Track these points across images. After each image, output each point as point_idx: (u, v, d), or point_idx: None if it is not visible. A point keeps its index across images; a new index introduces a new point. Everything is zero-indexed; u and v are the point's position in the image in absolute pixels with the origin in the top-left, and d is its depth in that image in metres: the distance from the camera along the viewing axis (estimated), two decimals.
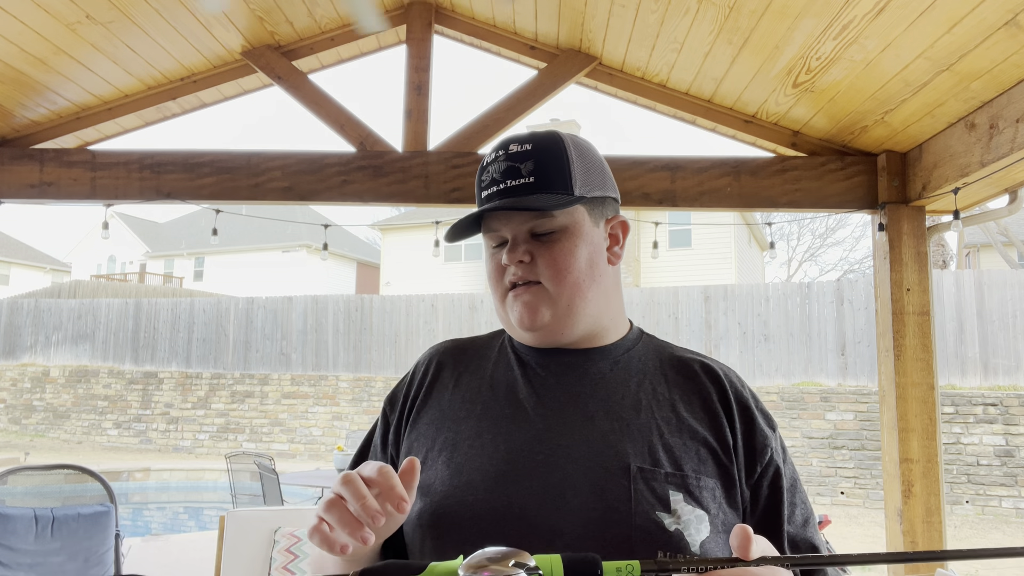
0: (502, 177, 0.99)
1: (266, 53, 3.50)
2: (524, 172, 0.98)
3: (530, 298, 0.98)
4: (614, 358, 1.02)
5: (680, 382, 1.00)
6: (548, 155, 1.00)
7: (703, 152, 3.40)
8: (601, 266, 1.02)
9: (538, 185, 0.98)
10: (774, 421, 1.01)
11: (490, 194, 1.00)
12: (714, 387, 0.99)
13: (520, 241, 0.99)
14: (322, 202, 3.45)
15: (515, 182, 0.98)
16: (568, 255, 0.98)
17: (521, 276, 0.99)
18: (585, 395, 0.97)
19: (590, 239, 1.01)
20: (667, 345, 1.07)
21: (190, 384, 14.78)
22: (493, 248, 1.03)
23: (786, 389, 10.76)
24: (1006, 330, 10.11)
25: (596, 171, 1.05)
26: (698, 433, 0.93)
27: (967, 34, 2.24)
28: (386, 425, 1.07)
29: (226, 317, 15.01)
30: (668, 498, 0.86)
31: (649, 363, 1.03)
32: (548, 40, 3.43)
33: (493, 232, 1.02)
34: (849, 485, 9.88)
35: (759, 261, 23.05)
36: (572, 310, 0.98)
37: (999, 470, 9.33)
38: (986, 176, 2.71)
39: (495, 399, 0.99)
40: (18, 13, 2.71)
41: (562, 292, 0.98)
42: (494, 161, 1.01)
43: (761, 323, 11.45)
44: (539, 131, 1.03)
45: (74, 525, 3.49)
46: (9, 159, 3.47)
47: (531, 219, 0.98)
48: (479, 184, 1.03)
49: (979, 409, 9.56)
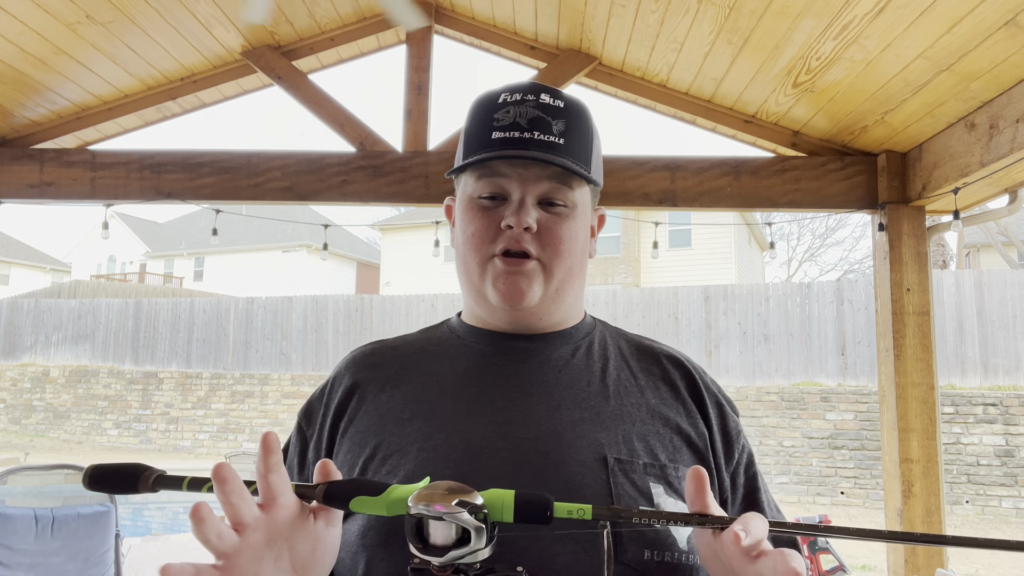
0: (529, 125, 0.87)
1: (266, 53, 3.50)
2: (555, 130, 0.87)
3: (525, 275, 0.87)
4: (575, 343, 0.94)
5: (645, 368, 0.93)
6: (579, 122, 0.90)
7: (703, 152, 3.40)
8: (587, 256, 0.95)
9: (566, 149, 0.87)
10: (736, 406, 0.97)
11: (510, 138, 0.86)
12: (681, 375, 0.93)
13: (531, 204, 0.87)
14: (322, 202, 3.45)
15: (543, 136, 0.86)
16: (573, 236, 0.90)
17: (521, 245, 0.87)
18: (548, 383, 0.88)
19: (587, 225, 0.94)
20: (622, 331, 1.01)
21: (190, 384, 14.77)
22: (485, 200, 0.89)
23: (786, 389, 10.76)
24: (1006, 330, 10.11)
25: (600, 155, 0.97)
26: (670, 420, 0.87)
27: (967, 34, 2.24)
28: (303, 442, 0.93)
29: (226, 317, 15.01)
30: (650, 491, 0.80)
31: (610, 348, 0.96)
32: (548, 40, 3.43)
33: (497, 179, 0.88)
34: (849, 485, 9.88)
35: (759, 261, 23.04)
36: (560, 294, 0.91)
37: (999, 470, 9.33)
38: (986, 176, 2.71)
39: (444, 395, 0.88)
40: (18, 13, 2.71)
41: (557, 273, 0.89)
42: (521, 103, 0.88)
43: (761, 323, 11.44)
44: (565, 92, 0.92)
45: (74, 525, 3.49)
46: (9, 159, 3.47)
47: (551, 182, 0.87)
48: (489, 122, 0.88)
49: (979, 409, 9.55)
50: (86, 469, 0.70)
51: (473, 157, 0.87)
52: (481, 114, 0.90)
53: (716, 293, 11.88)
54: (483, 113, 0.90)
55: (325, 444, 0.90)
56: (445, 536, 0.64)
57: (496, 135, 0.87)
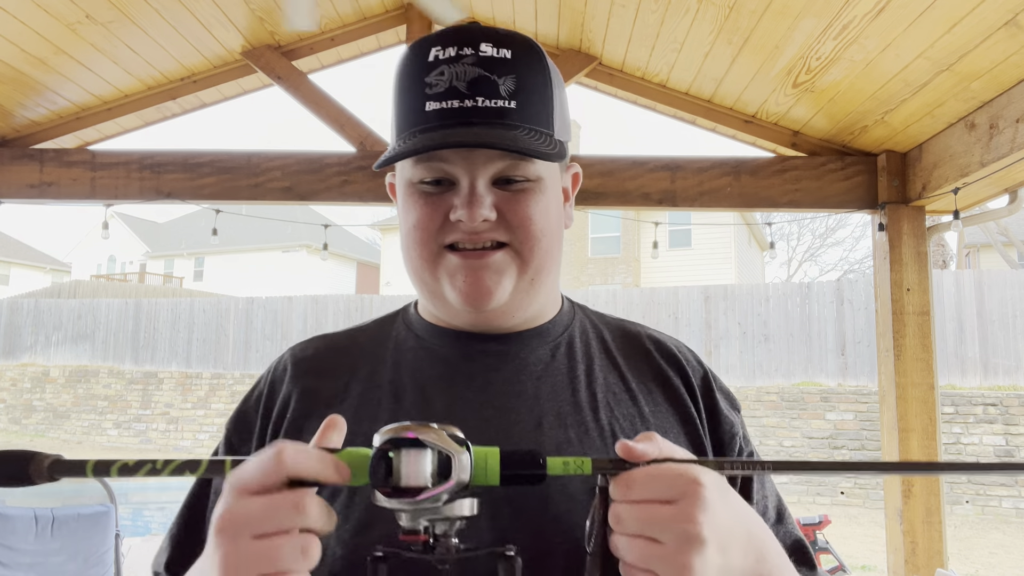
0: (469, 90, 0.70)
1: (266, 53, 3.50)
2: (503, 91, 0.71)
3: (491, 268, 0.73)
4: (553, 341, 0.81)
5: (634, 365, 0.82)
6: (532, 73, 0.73)
7: (703, 152, 3.41)
8: (562, 231, 0.80)
9: (520, 113, 0.71)
10: (737, 401, 0.85)
11: (447, 109, 0.70)
12: (673, 368, 0.82)
13: (484, 191, 0.72)
14: (322, 202, 3.45)
15: (488, 102, 0.70)
16: (544, 211, 0.75)
17: (480, 237, 0.73)
18: (527, 395, 0.76)
19: (558, 193, 0.79)
20: (604, 316, 0.89)
21: (190, 384, 14.78)
22: (427, 185, 0.74)
23: (786, 389, 10.76)
24: (1006, 330, 10.11)
25: (567, 107, 0.80)
26: (668, 432, 0.77)
27: (967, 34, 2.24)
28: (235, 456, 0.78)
29: (226, 317, 15.01)
30: None
31: (593, 343, 0.83)
32: (548, 40, 3.43)
33: (439, 164, 0.72)
34: (849, 485, 9.88)
35: (759, 261, 23.05)
36: (535, 285, 0.77)
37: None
38: (986, 176, 2.71)
39: (405, 412, 0.74)
40: (18, 13, 2.71)
41: (531, 262, 0.75)
42: (456, 61, 0.71)
43: (761, 323, 11.45)
44: (511, 31, 0.75)
45: (74, 525, 3.49)
46: (9, 159, 3.47)
47: (504, 158, 0.72)
48: (420, 88, 0.71)
49: (979, 409, 9.56)
50: None
51: (403, 144, 0.71)
52: (410, 78, 0.73)
53: (716, 293, 11.88)
54: (412, 77, 0.72)
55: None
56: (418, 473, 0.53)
57: (431, 106, 0.70)
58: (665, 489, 0.56)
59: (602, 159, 3.36)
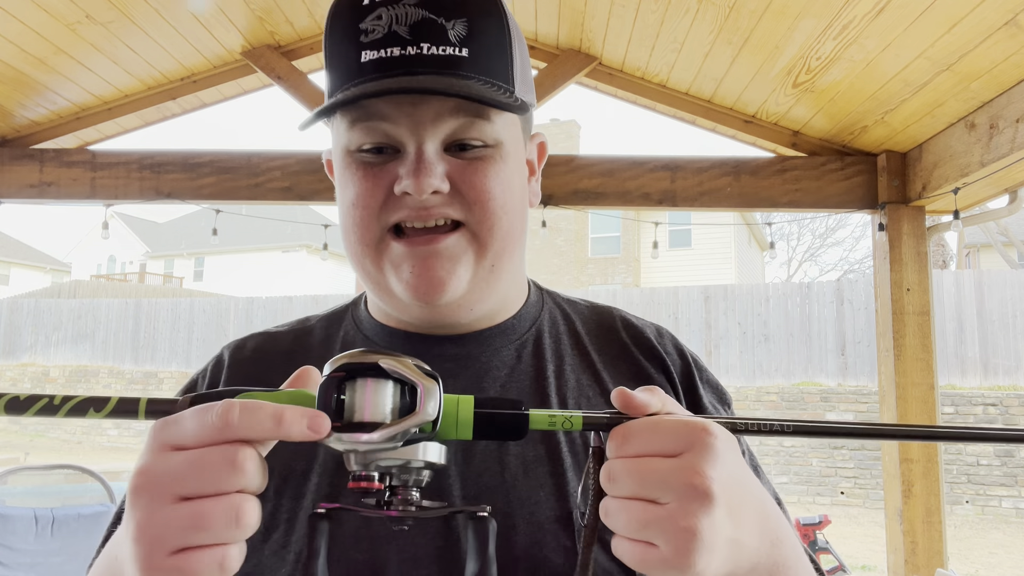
0: (412, 35, 0.59)
1: (266, 53, 3.50)
2: (452, 36, 0.60)
3: (443, 254, 0.63)
4: (519, 339, 0.72)
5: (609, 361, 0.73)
6: (487, 17, 0.63)
7: (703, 152, 3.41)
8: (527, 207, 0.70)
9: (473, 62, 0.61)
10: (727, 395, 0.77)
11: (386, 59, 0.59)
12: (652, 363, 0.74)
13: (433, 156, 0.61)
14: (322, 202, 3.45)
15: (436, 48, 0.59)
16: (506, 183, 0.64)
17: (430, 213, 0.62)
18: None
19: (521, 163, 0.69)
20: (571, 300, 0.80)
21: None
22: (366, 154, 0.63)
23: (786, 389, 10.76)
24: (1006, 330, 10.11)
25: (528, 66, 0.70)
26: None
27: (967, 34, 2.24)
28: None
29: (226, 317, 15.01)
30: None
31: (564, 336, 0.75)
32: (548, 40, 3.43)
33: (378, 124, 0.61)
34: (849, 485, 9.88)
35: (759, 261, 23.05)
36: (495, 272, 0.66)
37: (999, 470, 9.33)
38: (986, 176, 2.70)
39: None
40: (18, 13, 2.71)
41: (491, 244, 0.64)
42: (395, 2, 0.60)
43: (761, 323, 11.44)
44: None
45: (74, 525, 3.49)
46: (9, 159, 3.47)
47: (458, 117, 0.61)
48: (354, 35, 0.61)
49: (979, 409, 9.55)
50: None
51: (335, 95, 0.61)
52: (342, 25, 0.62)
53: (716, 293, 11.88)
54: (345, 23, 0.62)
55: None
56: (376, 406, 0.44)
57: (367, 56, 0.60)
58: (669, 440, 0.46)
59: (602, 159, 3.36)
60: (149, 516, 0.43)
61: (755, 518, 0.49)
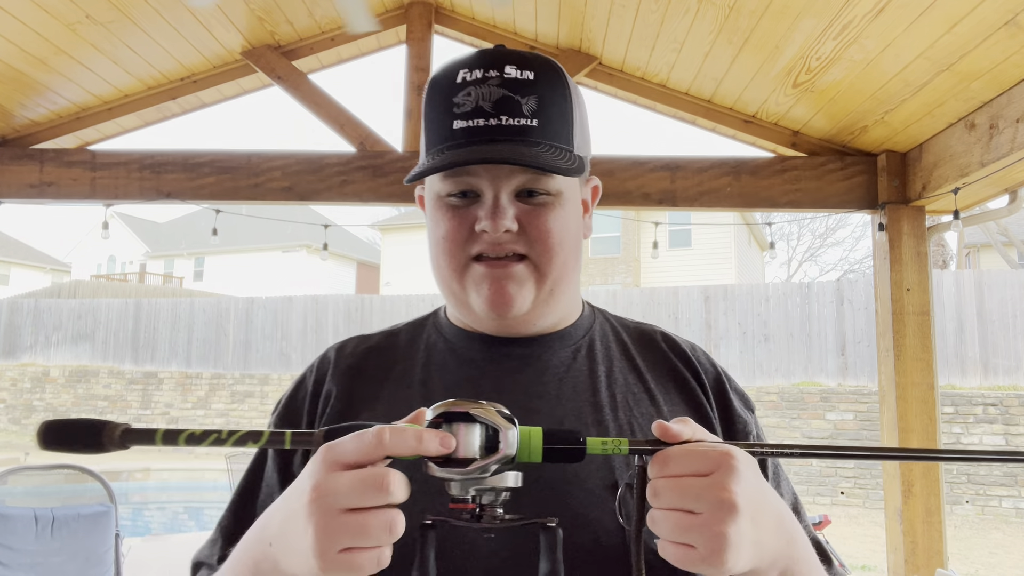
0: (494, 109, 0.75)
1: (266, 53, 3.50)
2: (525, 110, 0.75)
3: (513, 278, 0.78)
4: (574, 344, 0.86)
5: (651, 365, 0.87)
6: (554, 92, 0.78)
7: (703, 152, 3.40)
8: (581, 241, 0.85)
9: (541, 131, 0.76)
10: (751, 402, 0.90)
11: (474, 128, 0.75)
12: (687, 369, 0.87)
13: (506, 203, 0.77)
14: (322, 202, 3.45)
15: (512, 120, 0.75)
16: (563, 226, 0.79)
17: (503, 248, 0.78)
18: (550, 395, 0.81)
19: (577, 207, 0.84)
20: (621, 319, 0.94)
21: (190, 384, 14.78)
22: (453, 198, 0.79)
23: (786, 389, 10.76)
24: (1006, 330, 10.11)
25: (587, 122, 0.85)
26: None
27: (967, 34, 2.24)
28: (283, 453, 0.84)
29: (226, 317, 15.01)
30: None
31: (613, 345, 0.88)
32: (548, 40, 3.43)
33: (465, 178, 0.78)
34: (849, 485, 9.88)
35: (759, 261, 23.05)
36: (553, 295, 0.81)
37: (999, 470, 9.33)
38: (986, 176, 2.70)
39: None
40: (18, 13, 2.71)
41: (549, 273, 0.79)
42: (483, 83, 0.76)
43: (761, 323, 11.44)
44: (535, 53, 0.81)
45: (74, 525, 3.49)
46: (9, 159, 3.47)
47: (525, 175, 0.77)
48: (448, 107, 0.77)
49: (979, 409, 9.55)
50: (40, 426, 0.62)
51: (432, 159, 0.78)
52: (439, 98, 0.78)
53: (716, 293, 11.88)
54: (441, 97, 0.78)
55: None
56: (469, 445, 0.58)
57: (458, 124, 0.76)
58: (700, 463, 0.59)
59: (602, 159, 3.36)
60: (325, 523, 0.56)
61: (773, 523, 0.62)
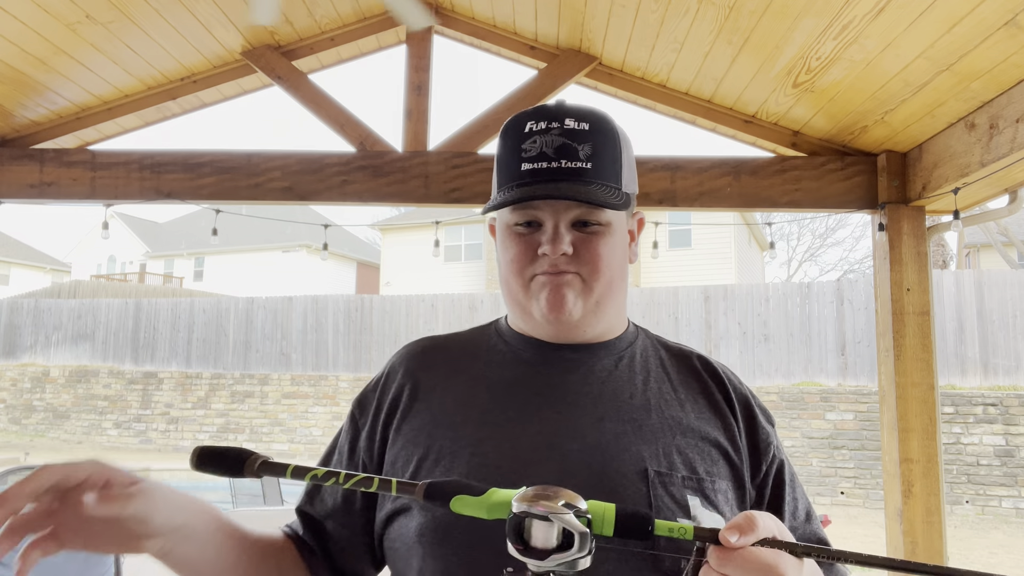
0: (556, 154, 0.91)
1: (266, 53, 3.50)
2: (581, 155, 0.91)
3: (566, 288, 0.93)
4: (618, 353, 0.99)
5: (684, 380, 0.98)
6: (605, 140, 0.94)
7: (703, 152, 3.40)
8: (626, 265, 0.99)
9: (595, 172, 0.91)
10: (772, 416, 1.01)
11: (538, 169, 0.91)
12: (716, 385, 0.98)
13: (564, 231, 0.92)
14: (322, 202, 3.45)
15: (570, 163, 0.91)
16: (609, 252, 0.94)
17: (559, 268, 0.93)
18: (593, 395, 0.93)
19: (623, 236, 0.98)
20: (661, 339, 1.06)
21: (190, 384, 14.78)
22: (520, 227, 0.95)
23: (786, 389, 10.76)
24: (1006, 330, 10.11)
25: (634, 164, 1.01)
26: (709, 435, 0.92)
27: (967, 34, 2.24)
28: (355, 430, 1.00)
29: (226, 317, 15.01)
30: (687, 503, 0.84)
31: (651, 359, 1.00)
32: (548, 40, 3.43)
33: (530, 211, 0.94)
34: (849, 485, 9.88)
35: (759, 261, 23.05)
36: (600, 307, 0.95)
37: (999, 470, 9.33)
38: (986, 176, 2.70)
39: (495, 402, 0.93)
40: (18, 13, 2.71)
41: (596, 288, 0.93)
42: (546, 132, 0.92)
43: (761, 323, 11.45)
44: (590, 108, 0.97)
45: None
46: (9, 159, 3.47)
47: (580, 208, 0.92)
48: (518, 152, 0.93)
49: (979, 409, 9.56)
50: (194, 450, 0.74)
51: (504, 194, 0.93)
52: (510, 144, 0.95)
53: (716, 293, 11.88)
54: (512, 143, 0.94)
55: (379, 436, 0.97)
56: (546, 539, 0.64)
57: (525, 166, 0.92)
58: (753, 571, 0.65)
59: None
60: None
61: None
